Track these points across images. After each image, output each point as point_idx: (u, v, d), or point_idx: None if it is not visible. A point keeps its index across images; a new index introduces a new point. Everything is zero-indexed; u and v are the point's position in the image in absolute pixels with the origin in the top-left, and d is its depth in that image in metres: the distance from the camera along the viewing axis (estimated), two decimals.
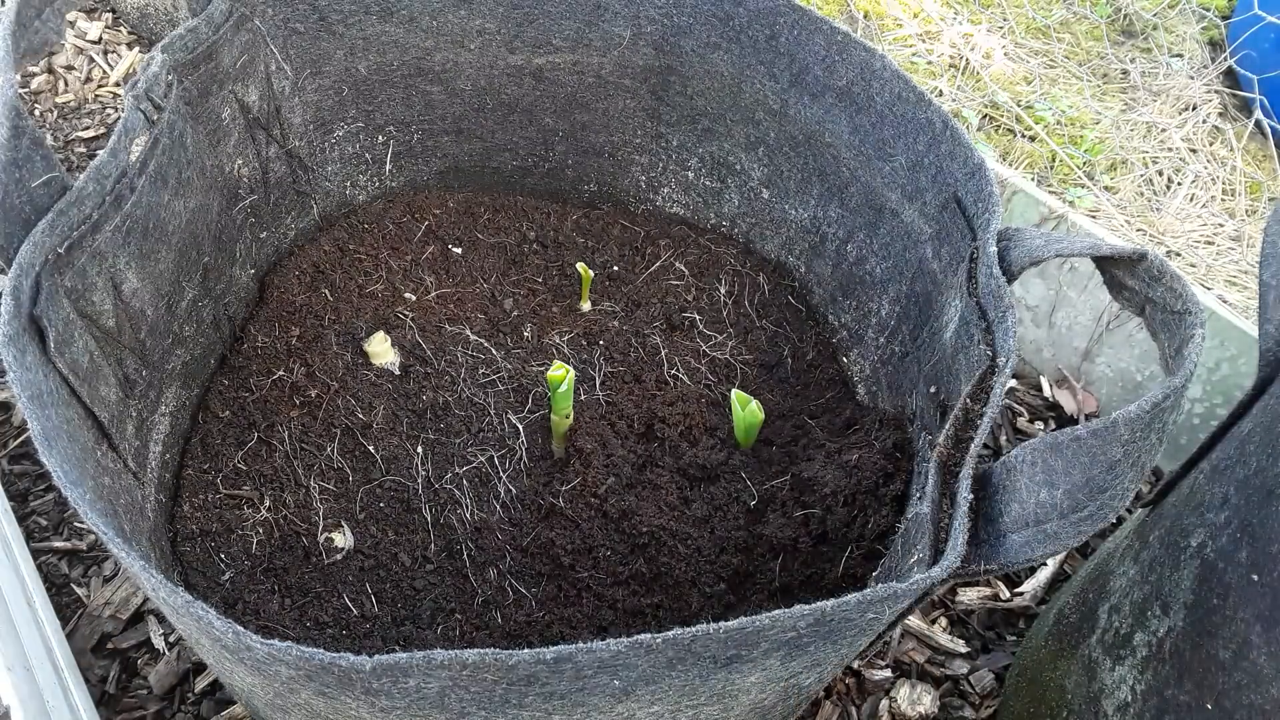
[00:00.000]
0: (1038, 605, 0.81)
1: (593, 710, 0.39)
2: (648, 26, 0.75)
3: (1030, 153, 1.39)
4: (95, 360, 0.50)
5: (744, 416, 0.62)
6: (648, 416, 0.67)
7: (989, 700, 0.75)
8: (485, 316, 0.76)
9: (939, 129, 0.58)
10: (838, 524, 0.59)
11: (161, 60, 0.57)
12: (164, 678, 0.69)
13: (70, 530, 0.78)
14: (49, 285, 0.45)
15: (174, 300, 0.61)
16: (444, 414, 0.69)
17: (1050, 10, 1.65)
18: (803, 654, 0.41)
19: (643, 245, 0.83)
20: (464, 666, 0.33)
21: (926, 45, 1.54)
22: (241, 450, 0.65)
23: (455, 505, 0.64)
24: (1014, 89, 1.49)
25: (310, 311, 0.74)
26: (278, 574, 0.60)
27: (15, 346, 0.41)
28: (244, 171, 0.70)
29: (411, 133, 0.82)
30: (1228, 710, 0.47)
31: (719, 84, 0.75)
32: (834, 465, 0.61)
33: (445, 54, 0.77)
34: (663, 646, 0.35)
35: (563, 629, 0.58)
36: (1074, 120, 1.46)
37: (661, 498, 0.63)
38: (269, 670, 0.36)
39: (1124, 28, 1.66)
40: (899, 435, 0.61)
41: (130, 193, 0.52)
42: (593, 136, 0.83)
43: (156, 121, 0.56)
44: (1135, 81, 1.53)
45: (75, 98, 1.16)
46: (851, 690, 0.74)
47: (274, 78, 0.71)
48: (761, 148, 0.76)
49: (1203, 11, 1.70)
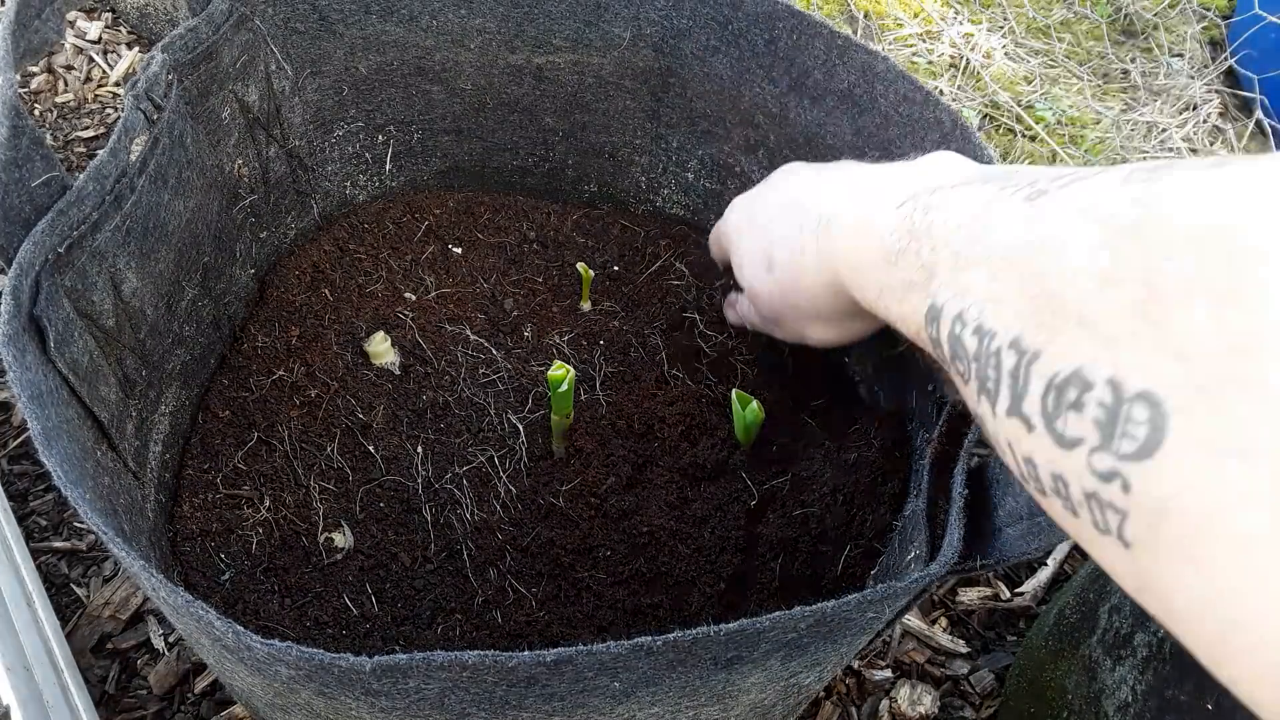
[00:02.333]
0: (1038, 605, 0.81)
1: (593, 711, 0.39)
2: (648, 28, 0.75)
3: (1031, 152, 1.39)
4: (95, 360, 0.50)
5: (744, 416, 0.62)
6: (648, 416, 0.67)
7: (989, 700, 0.75)
8: (485, 316, 0.76)
9: (948, 127, 0.58)
10: (836, 523, 0.59)
11: (161, 60, 0.57)
12: (164, 678, 0.69)
13: (70, 530, 0.78)
14: (49, 285, 0.45)
15: (174, 300, 0.61)
16: (444, 414, 0.69)
17: (1050, 10, 1.65)
18: (803, 654, 0.41)
19: (643, 245, 0.83)
20: (464, 668, 0.33)
21: (927, 45, 1.54)
22: (241, 450, 0.65)
23: (455, 505, 0.64)
24: (1014, 89, 1.49)
25: (310, 311, 0.74)
26: (278, 574, 0.60)
27: (15, 346, 0.41)
28: (244, 171, 0.70)
29: (411, 132, 0.82)
30: (1228, 710, 0.47)
31: (718, 87, 0.75)
32: (833, 464, 0.61)
33: (445, 53, 0.77)
34: (663, 649, 0.35)
35: (563, 629, 0.58)
36: (1074, 120, 1.46)
37: (661, 497, 0.63)
38: (269, 670, 0.36)
39: (1124, 27, 1.66)
40: (897, 433, 0.61)
41: (130, 192, 0.52)
42: (593, 137, 0.83)
43: (156, 121, 0.55)
44: (1136, 81, 1.52)
45: (75, 97, 1.16)
46: (852, 691, 0.74)
47: (274, 77, 0.71)
48: (762, 150, 0.76)
49: (1203, 11, 1.70)
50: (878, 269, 0.40)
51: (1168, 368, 0.23)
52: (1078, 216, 0.28)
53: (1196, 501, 0.22)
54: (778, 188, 0.56)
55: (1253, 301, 0.22)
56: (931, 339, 0.35)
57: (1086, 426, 0.25)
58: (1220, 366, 0.22)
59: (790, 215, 0.52)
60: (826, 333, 0.55)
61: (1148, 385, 0.23)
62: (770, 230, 0.54)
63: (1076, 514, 0.27)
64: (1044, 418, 0.27)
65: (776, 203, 0.54)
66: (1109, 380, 0.25)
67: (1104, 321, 0.25)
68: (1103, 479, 0.25)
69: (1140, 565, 0.24)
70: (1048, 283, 0.28)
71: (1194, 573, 0.22)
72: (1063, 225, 0.28)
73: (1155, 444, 0.23)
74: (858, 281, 0.44)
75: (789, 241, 0.51)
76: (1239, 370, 0.22)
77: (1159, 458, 0.23)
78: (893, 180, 0.44)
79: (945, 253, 0.35)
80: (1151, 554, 0.24)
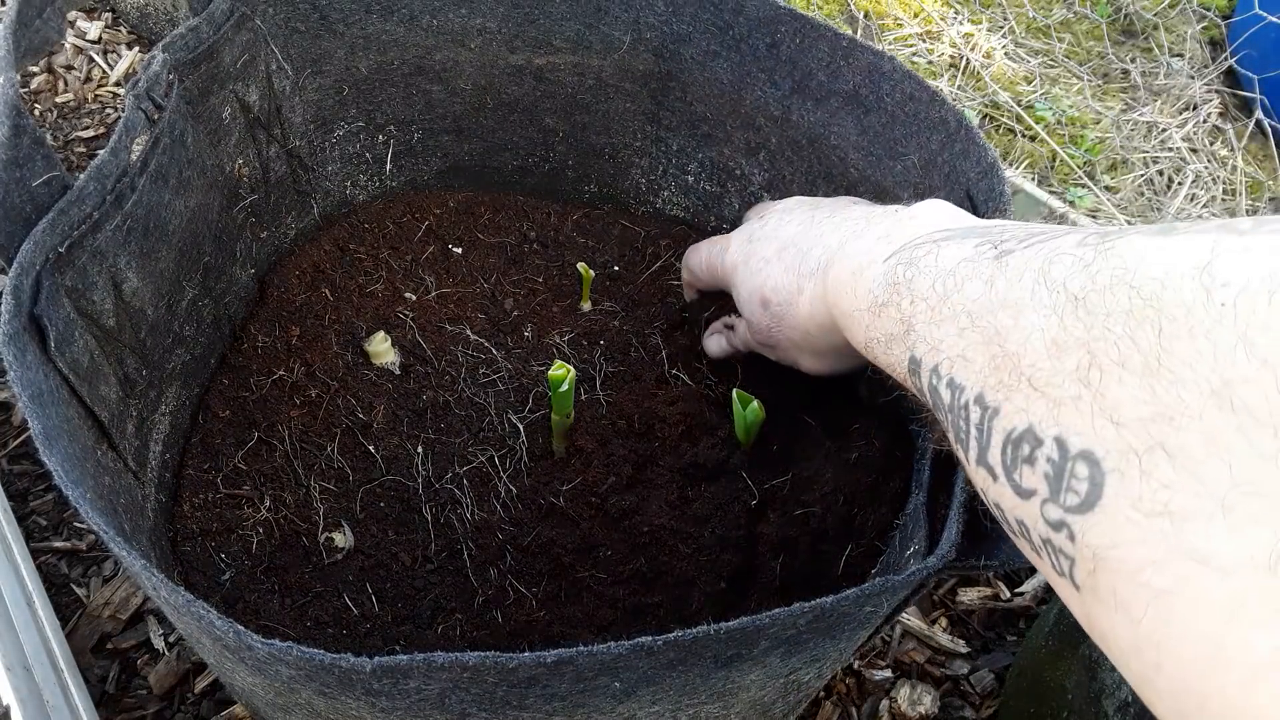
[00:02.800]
0: (1038, 605, 0.81)
1: (594, 711, 0.39)
2: (647, 33, 0.75)
3: (1031, 152, 1.39)
4: (95, 360, 0.50)
5: (745, 416, 0.62)
6: (648, 416, 0.67)
7: (989, 700, 0.75)
8: (486, 316, 0.76)
9: (953, 127, 0.58)
10: (837, 522, 0.59)
11: (162, 59, 0.57)
12: (164, 678, 0.69)
13: (70, 530, 0.78)
14: (49, 285, 0.45)
15: (174, 300, 0.61)
16: (444, 414, 0.69)
17: (1050, 10, 1.65)
18: (802, 650, 0.41)
19: (643, 245, 0.83)
20: (464, 669, 0.33)
21: (927, 45, 1.54)
22: (242, 450, 0.65)
23: (455, 505, 0.64)
24: (1014, 89, 1.49)
25: (310, 311, 0.74)
26: (278, 573, 0.60)
27: (15, 346, 0.41)
28: (244, 171, 0.70)
29: (412, 132, 0.82)
30: None
31: (719, 91, 0.75)
32: (834, 463, 0.61)
33: (446, 53, 0.77)
34: (664, 648, 0.35)
35: (563, 628, 0.58)
36: (1074, 120, 1.46)
37: (662, 497, 0.63)
38: (270, 670, 0.36)
39: (1124, 27, 1.66)
40: (899, 432, 0.61)
41: (131, 192, 0.52)
42: (593, 138, 0.83)
43: (157, 121, 0.55)
44: (1136, 81, 1.53)
45: (75, 97, 1.16)
46: (852, 691, 0.74)
47: (275, 77, 0.71)
48: (763, 152, 0.76)
49: (1203, 11, 1.70)
50: (865, 320, 0.43)
51: (1105, 430, 0.25)
52: (1033, 280, 0.30)
53: (1128, 555, 0.24)
54: (775, 230, 0.58)
55: (1177, 373, 0.23)
56: (916, 388, 0.38)
57: (1038, 479, 0.28)
58: (1149, 432, 0.24)
59: (786, 258, 0.54)
60: (819, 364, 0.58)
61: (1087, 445, 0.26)
62: (766, 271, 0.56)
63: (1039, 555, 0.29)
64: (1004, 469, 0.29)
65: (775, 244, 0.57)
66: (1056, 438, 0.27)
67: (1051, 384, 0.28)
68: (1053, 527, 0.27)
69: (1086, 608, 0.27)
70: (1006, 343, 0.30)
71: (1124, 619, 0.24)
72: (1019, 288, 0.31)
73: (1095, 499, 0.25)
74: (849, 327, 0.46)
75: (785, 283, 0.54)
76: (1165, 437, 0.23)
77: (1097, 512, 0.25)
78: (884, 232, 0.45)
79: (922, 306, 0.37)
80: (1093, 598, 0.26)
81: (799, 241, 0.54)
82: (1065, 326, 0.28)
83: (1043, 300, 0.29)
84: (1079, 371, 0.26)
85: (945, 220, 0.44)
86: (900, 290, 0.39)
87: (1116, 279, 0.26)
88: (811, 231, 0.53)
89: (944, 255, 0.37)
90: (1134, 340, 0.25)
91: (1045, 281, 0.29)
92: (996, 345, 0.31)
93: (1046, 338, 0.28)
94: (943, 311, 0.35)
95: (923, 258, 0.38)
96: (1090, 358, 0.26)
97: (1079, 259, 0.29)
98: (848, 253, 0.47)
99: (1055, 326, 0.28)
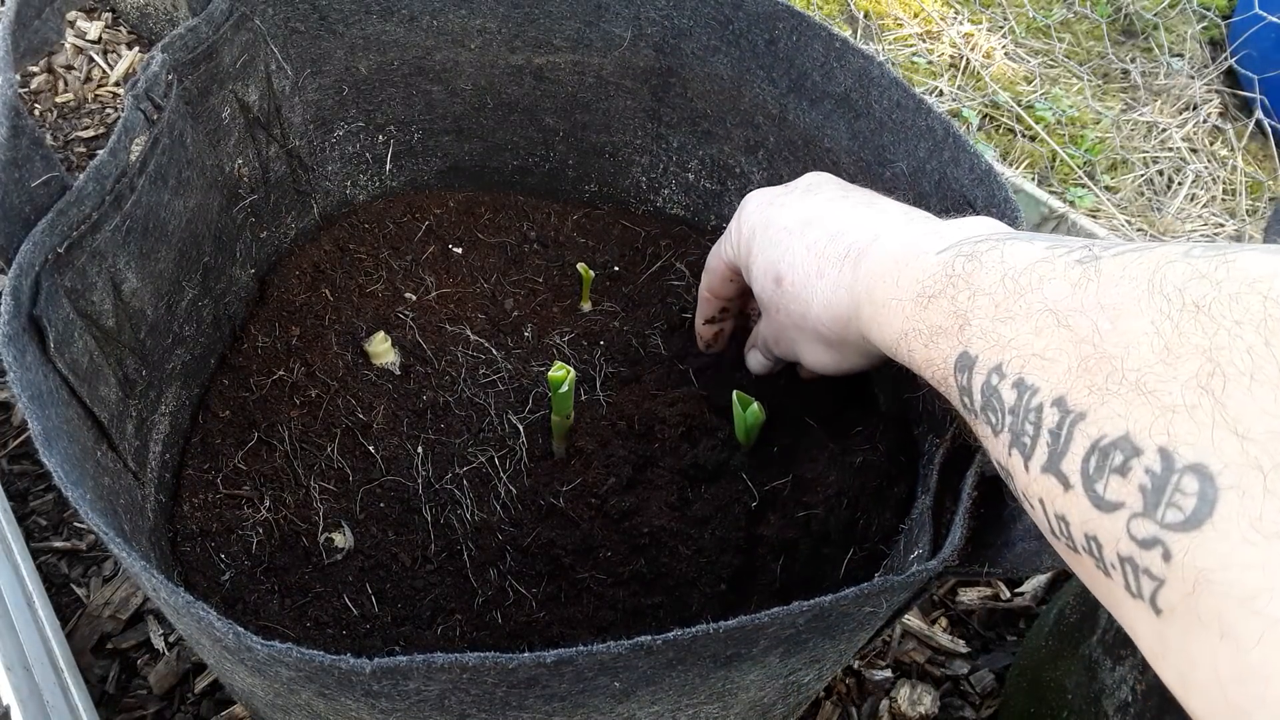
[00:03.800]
0: (1038, 605, 0.81)
1: (593, 711, 0.39)
2: (648, 28, 0.75)
3: (1031, 152, 1.39)
4: (95, 360, 0.50)
5: (745, 417, 0.62)
6: (648, 417, 0.67)
7: (989, 700, 0.75)
8: (485, 316, 0.76)
9: (940, 135, 0.58)
10: (840, 525, 0.58)
11: (161, 60, 0.57)
12: (164, 678, 0.69)
13: (70, 530, 0.78)
14: (49, 285, 0.45)
15: (174, 300, 0.61)
16: (444, 414, 0.69)
17: (1050, 10, 1.65)
18: (801, 650, 0.41)
19: (644, 245, 0.83)
20: (464, 670, 0.33)
21: (927, 45, 1.54)
22: (242, 450, 0.65)
23: (455, 505, 0.64)
24: (1014, 89, 1.49)
25: (310, 311, 0.74)
26: (278, 574, 0.60)
27: (15, 346, 0.41)
28: (244, 171, 0.70)
29: (412, 132, 0.82)
30: None
31: (719, 87, 0.75)
32: (837, 466, 0.61)
33: (446, 53, 0.77)
34: (663, 648, 0.35)
35: (563, 629, 0.58)
36: (1074, 120, 1.46)
37: (662, 498, 0.63)
38: (269, 671, 0.36)
39: (1124, 27, 1.66)
40: (904, 437, 0.61)
41: (130, 192, 0.52)
42: (593, 137, 0.83)
43: (156, 121, 0.55)
44: (1136, 81, 1.52)
45: (75, 97, 1.16)
46: (852, 691, 0.74)
47: (274, 77, 0.71)
48: (761, 151, 0.76)
49: (1203, 11, 1.70)
50: (906, 311, 0.40)
51: (1225, 443, 0.23)
52: (1137, 286, 0.28)
53: (1240, 578, 0.22)
54: (801, 199, 0.54)
55: None
56: (960, 387, 0.36)
57: (1130, 491, 0.26)
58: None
59: (810, 235, 0.50)
60: (822, 357, 0.53)
61: (1201, 458, 0.24)
62: (786, 244, 0.52)
63: (1109, 575, 0.27)
64: (1083, 478, 0.27)
65: (798, 216, 0.53)
66: (1160, 449, 0.25)
67: (1161, 391, 0.26)
68: (1142, 545, 0.25)
69: (1168, 633, 0.25)
70: (1103, 346, 0.28)
71: (1228, 648, 0.23)
72: (1121, 292, 0.29)
73: (1203, 516, 0.23)
74: (879, 319, 0.43)
75: (804, 262, 0.50)
76: None
77: (1205, 530, 0.23)
78: (934, 228, 0.43)
79: (984, 301, 0.35)
80: (1183, 624, 0.24)
81: (825, 221, 0.50)
82: (1182, 333, 0.26)
83: (1156, 305, 0.27)
84: (1198, 379, 0.25)
85: (998, 228, 0.43)
86: (957, 283, 0.37)
87: (1247, 288, 0.25)
88: (842, 213, 0.50)
89: (1012, 253, 0.35)
90: (1270, 349, 0.23)
91: (1158, 287, 0.28)
92: (1090, 346, 0.29)
93: (1158, 343, 0.26)
94: (1013, 309, 0.33)
95: (986, 253, 0.36)
96: (1213, 365, 0.24)
97: (1193, 269, 0.27)
98: (889, 241, 0.44)
99: (1170, 331, 0.26)
